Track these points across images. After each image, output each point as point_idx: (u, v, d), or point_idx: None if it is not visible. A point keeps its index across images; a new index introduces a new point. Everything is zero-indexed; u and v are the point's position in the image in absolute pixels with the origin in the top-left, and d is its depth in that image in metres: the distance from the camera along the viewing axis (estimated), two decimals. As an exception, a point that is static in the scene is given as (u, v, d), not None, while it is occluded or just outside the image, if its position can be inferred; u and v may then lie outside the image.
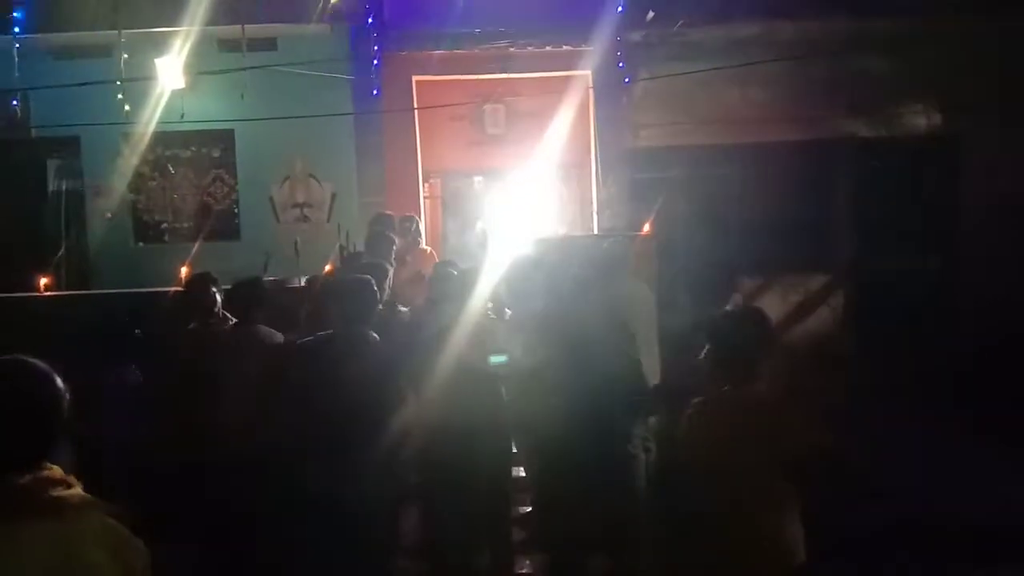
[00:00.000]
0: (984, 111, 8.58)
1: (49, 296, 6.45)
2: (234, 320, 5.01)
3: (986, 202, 8.82)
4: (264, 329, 4.81)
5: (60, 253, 8.93)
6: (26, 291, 6.51)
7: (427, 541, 4.82)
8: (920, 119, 9.11)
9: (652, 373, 5.04)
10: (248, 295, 4.88)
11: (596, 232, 8.51)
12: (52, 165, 9.44)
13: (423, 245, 7.63)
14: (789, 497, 3.05)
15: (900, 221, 9.05)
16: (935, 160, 9.11)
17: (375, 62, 8.57)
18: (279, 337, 4.78)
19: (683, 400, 3.40)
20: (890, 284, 8.93)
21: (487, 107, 9.36)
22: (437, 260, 7.24)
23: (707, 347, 3.22)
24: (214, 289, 5.10)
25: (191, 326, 5.05)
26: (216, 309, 5.09)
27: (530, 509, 5.36)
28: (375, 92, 8.57)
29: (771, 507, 3.03)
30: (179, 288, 5.61)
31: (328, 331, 4.32)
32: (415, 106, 8.87)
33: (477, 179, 10.33)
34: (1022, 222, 8.58)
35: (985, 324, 8.41)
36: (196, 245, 8.46)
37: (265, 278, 5.70)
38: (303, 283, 6.14)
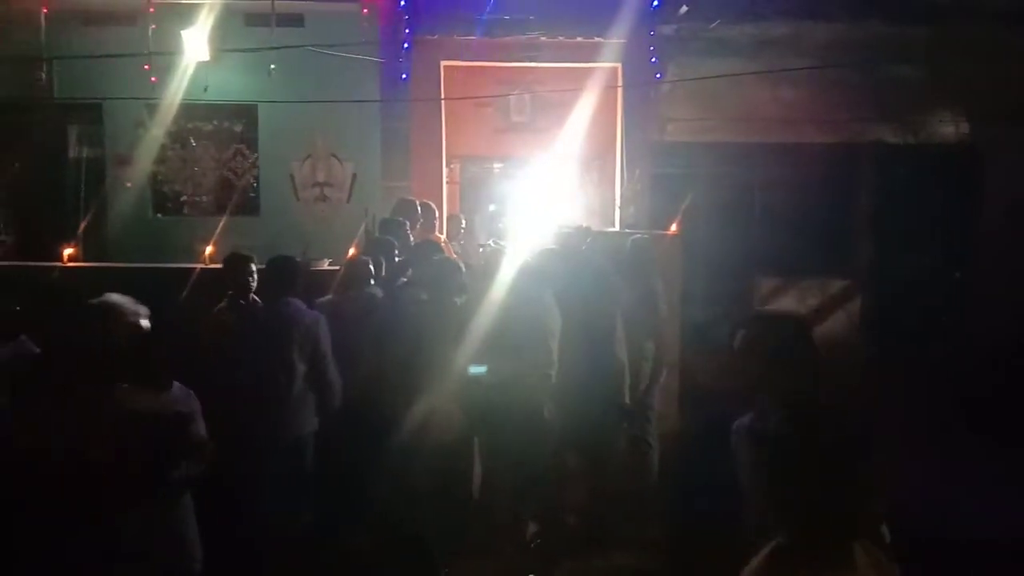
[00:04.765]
0: (1011, 121, 8.53)
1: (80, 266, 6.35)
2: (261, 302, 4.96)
3: (1010, 211, 8.78)
4: (296, 303, 4.65)
5: (80, 221, 8.85)
6: (48, 259, 6.44)
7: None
8: (947, 127, 9.07)
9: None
10: (283, 273, 4.71)
11: (619, 226, 8.47)
12: (73, 131, 9.33)
13: (437, 232, 7.63)
14: None
15: (923, 228, 9.00)
16: (960, 168, 9.06)
17: (405, 45, 8.49)
18: (313, 314, 4.68)
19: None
20: (910, 290, 8.90)
21: (513, 95, 9.30)
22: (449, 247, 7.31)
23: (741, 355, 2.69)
24: (253, 269, 4.92)
25: (220, 306, 4.95)
26: (251, 290, 4.92)
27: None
28: (404, 76, 8.49)
29: None
30: (209, 265, 5.53)
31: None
32: (442, 94, 8.78)
33: (496, 165, 10.28)
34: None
35: (1006, 333, 8.38)
36: (217, 220, 8.38)
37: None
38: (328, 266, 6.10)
